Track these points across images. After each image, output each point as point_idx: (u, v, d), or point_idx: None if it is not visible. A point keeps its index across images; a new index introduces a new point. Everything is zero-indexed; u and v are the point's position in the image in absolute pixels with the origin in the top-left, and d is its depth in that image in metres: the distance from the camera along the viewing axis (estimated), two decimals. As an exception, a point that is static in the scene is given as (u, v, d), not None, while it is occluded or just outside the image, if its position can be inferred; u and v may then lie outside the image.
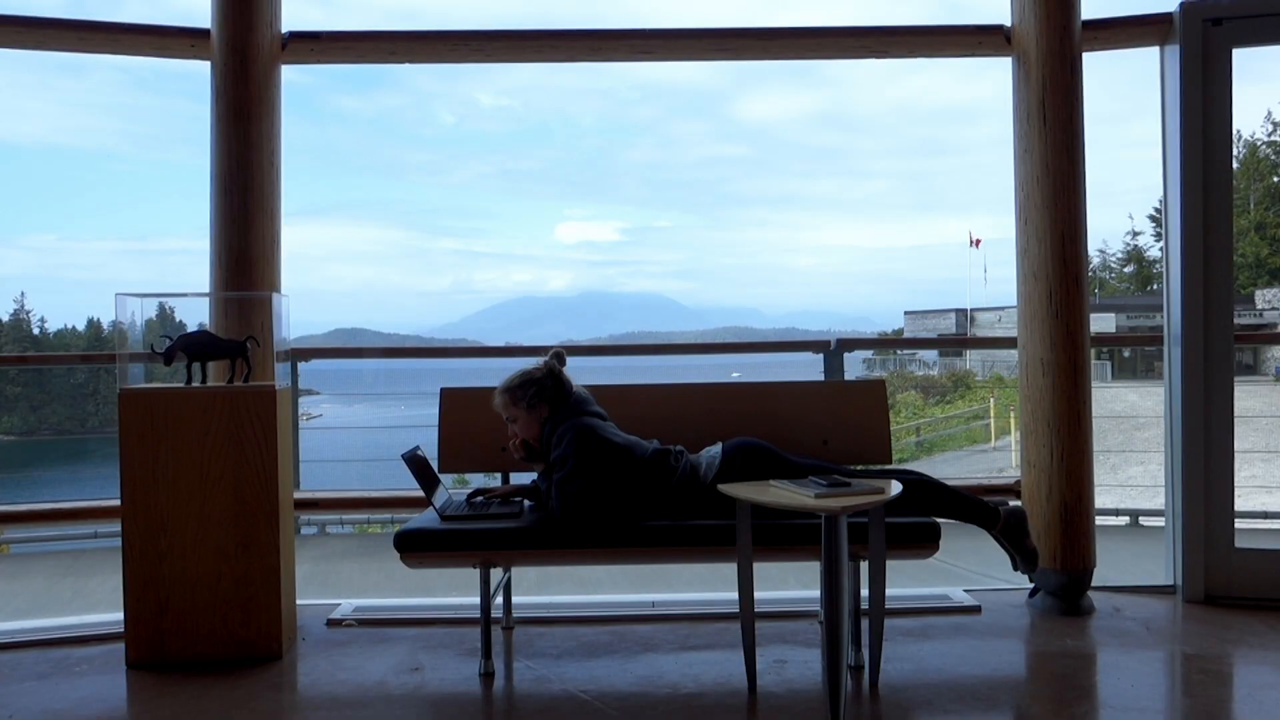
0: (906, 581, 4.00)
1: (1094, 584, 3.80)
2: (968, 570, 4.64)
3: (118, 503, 3.23)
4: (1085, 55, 3.81)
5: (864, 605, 3.04)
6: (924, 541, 3.04)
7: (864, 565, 3.01)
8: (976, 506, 3.20)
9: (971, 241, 41.30)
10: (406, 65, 4.17)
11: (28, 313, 53.44)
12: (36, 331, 51.65)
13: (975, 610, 3.73)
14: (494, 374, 3.35)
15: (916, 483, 3.15)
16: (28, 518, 4.25)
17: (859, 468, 3.43)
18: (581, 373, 3.38)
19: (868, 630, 3.00)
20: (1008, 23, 3.91)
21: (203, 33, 3.84)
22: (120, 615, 3.24)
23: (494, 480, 3.66)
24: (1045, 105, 3.75)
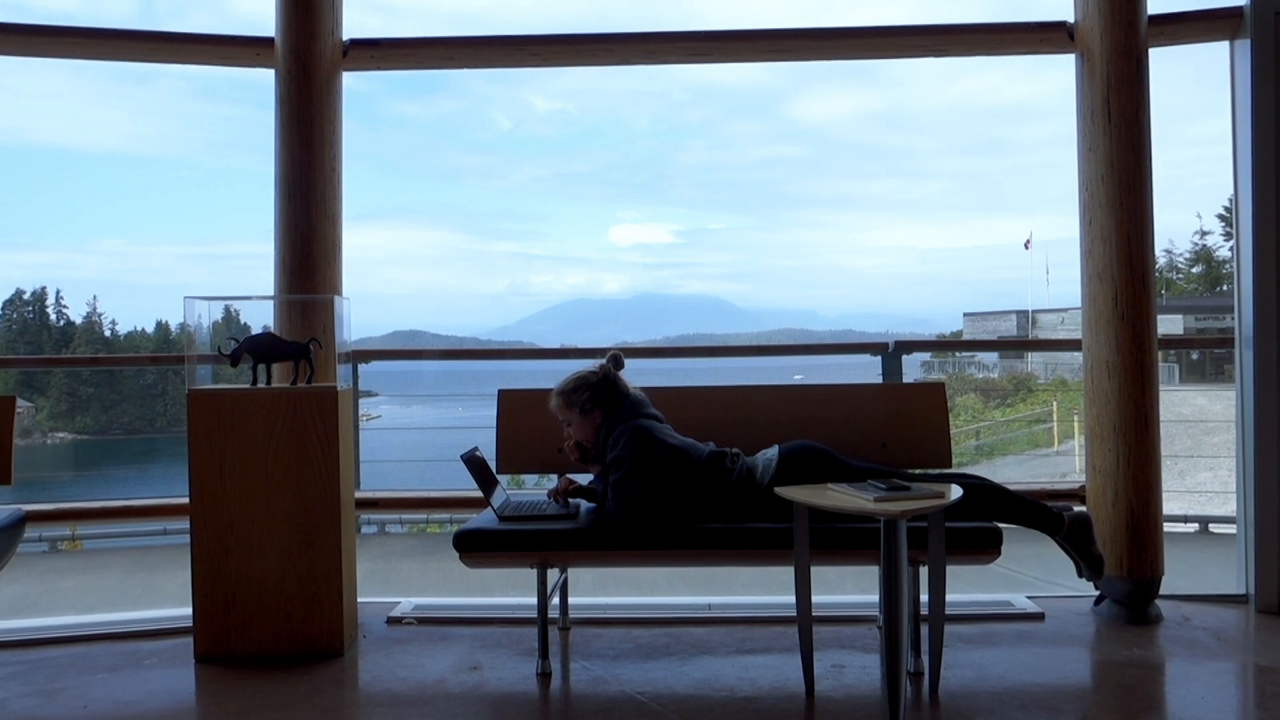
0: (967, 587, 3.94)
1: (1162, 592, 3.71)
2: (1031, 577, 4.57)
3: (186, 501, 3.31)
4: (1151, 51, 3.73)
5: (924, 611, 3.01)
6: (985, 547, 2.99)
7: (923, 570, 2.98)
8: (1040, 512, 3.15)
9: (1026, 244, 40.58)
10: (463, 70, 4.22)
11: (100, 315, 55.04)
12: (108, 333, 53.16)
13: (1039, 617, 3.67)
14: (550, 375, 3.37)
15: (977, 487, 3.10)
16: (100, 515, 4.37)
17: (918, 472, 3.39)
18: (637, 375, 3.39)
19: (927, 636, 2.97)
20: (1071, 19, 3.84)
21: (267, 41, 3.92)
22: (188, 610, 3.32)
23: (550, 481, 3.68)
24: (1110, 102, 3.67)
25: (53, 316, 54.15)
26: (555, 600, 3.50)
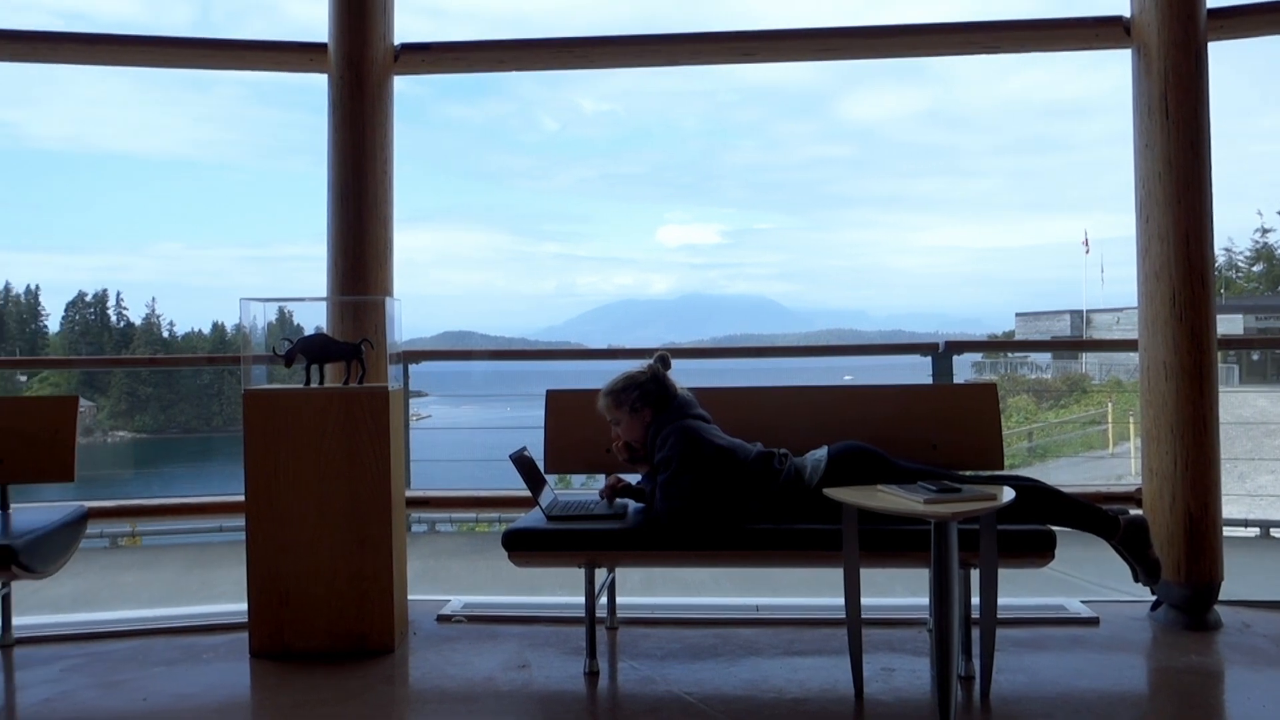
0: (1020, 591, 3.89)
1: (1221, 598, 3.63)
2: (1085, 581, 4.49)
3: (241, 498, 3.37)
4: (1210, 45, 3.65)
5: (975, 614, 2.97)
6: (1038, 550, 2.95)
7: (975, 573, 2.95)
8: (1095, 515, 3.10)
9: (1084, 244, 39.80)
10: (511, 73, 4.26)
11: (158, 317, 56.30)
12: (166, 335, 54.34)
13: (1093, 622, 3.61)
14: (597, 376, 3.38)
15: (1030, 489, 3.06)
16: (159, 511, 4.48)
17: (969, 473, 3.35)
18: (684, 375, 3.39)
19: (979, 640, 2.93)
20: (1127, 13, 3.77)
21: (320, 47, 3.98)
22: (244, 606, 3.38)
23: (598, 481, 3.69)
24: (1167, 98, 3.60)
25: (113, 318, 55.50)
26: (603, 600, 3.51)
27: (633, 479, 3.45)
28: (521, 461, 3.28)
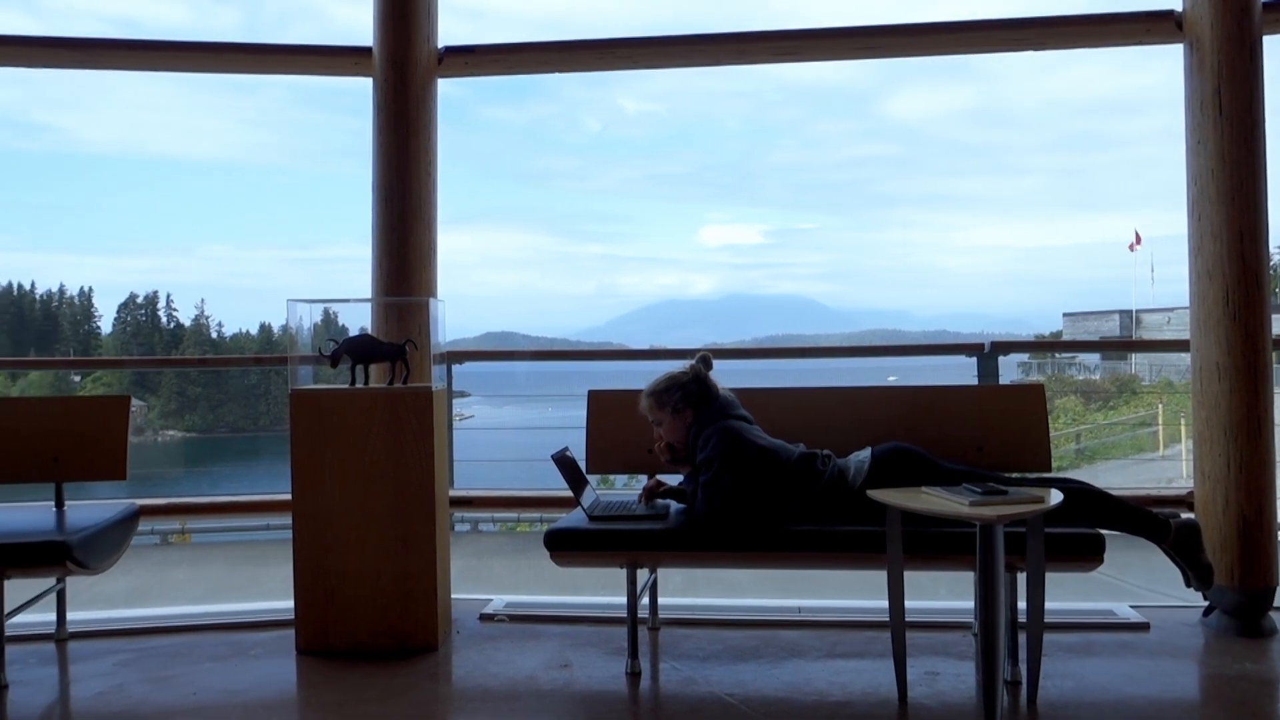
0: (1068, 595, 3.82)
1: (1277, 604, 3.55)
2: (1135, 585, 4.40)
3: (288, 497, 3.42)
4: (1265, 39, 3.57)
5: (1021, 618, 2.93)
6: (1086, 554, 2.90)
7: (1021, 576, 2.91)
8: (1145, 518, 3.04)
9: (1134, 242, 39.03)
10: (554, 75, 4.28)
11: (207, 318, 57.32)
12: (214, 335, 55.29)
13: (1143, 628, 3.54)
14: (639, 376, 3.38)
15: (1078, 492, 3.01)
16: (208, 509, 4.56)
17: (1015, 475, 3.31)
18: (726, 376, 3.38)
19: (1025, 644, 2.89)
20: (1179, 7, 3.70)
21: (365, 51, 4.02)
22: (290, 604, 3.43)
23: (639, 481, 3.69)
24: (1220, 94, 3.53)
25: (164, 319, 56.61)
26: (645, 600, 3.51)
27: (674, 480, 3.45)
28: (564, 462, 3.29)
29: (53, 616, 3.59)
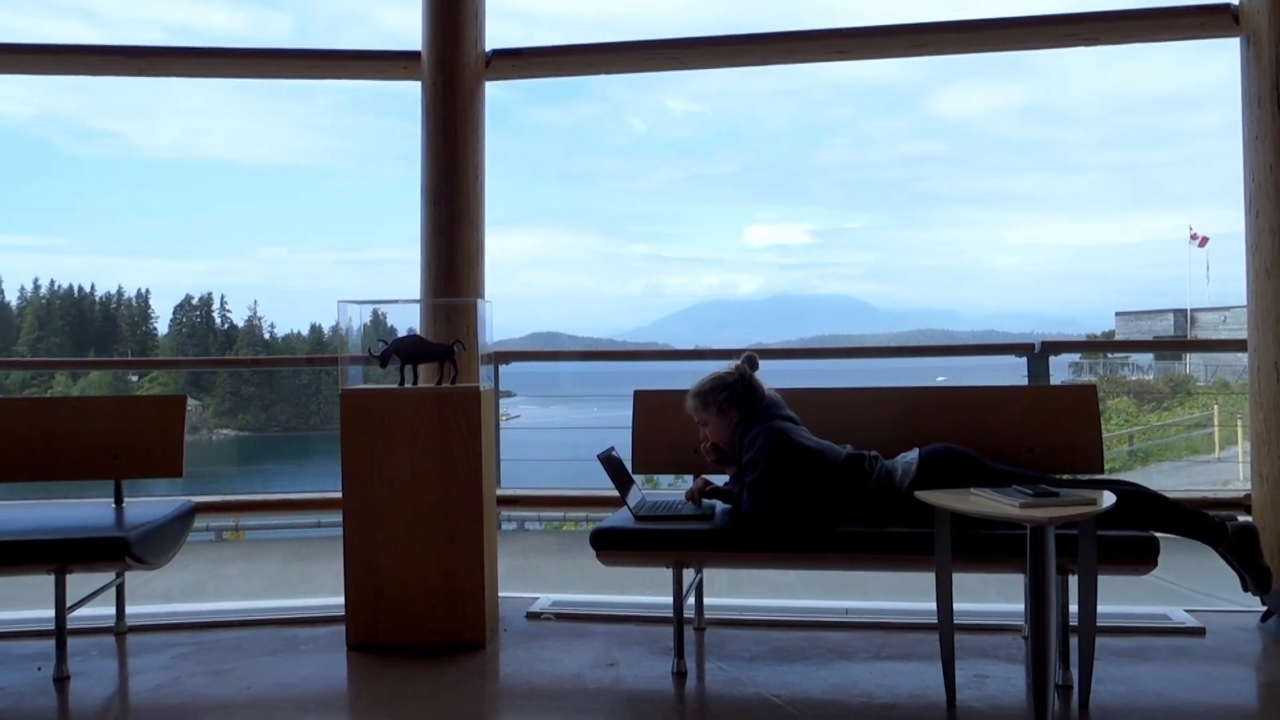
0: (1120, 599, 3.76)
1: (1339, 610, 3.46)
2: (1190, 590, 4.32)
3: (339, 495, 3.47)
4: (1328, 31, 3.49)
5: (1073, 621, 2.89)
6: (1140, 557, 2.86)
7: (1073, 579, 2.86)
8: (1200, 521, 2.98)
9: (1194, 239, 38.11)
10: (600, 76, 4.30)
11: (260, 319, 58.28)
12: (267, 336, 56.21)
13: (1198, 632, 3.47)
14: (685, 377, 3.39)
15: (1131, 494, 2.97)
16: (261, 507, 4.64)
17: (1067, 477, 3.27)
18: (772, 376, 3.38)
19: (1077, 648, 2.85)
20: (1235, 0, 3.62)
21: (414, 55, 4.08)
22: (341, 600, 3.48)
23: (685, 481, 3.70)
24: (1279, 88, 3.45)
25: (218, 320, 57.65)
26: (690, 600, 3.51)
27: (719, 480, 3.45)
28: (610, 461, 3.30)
29: (113, 610, 3.68)
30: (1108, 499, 2.65)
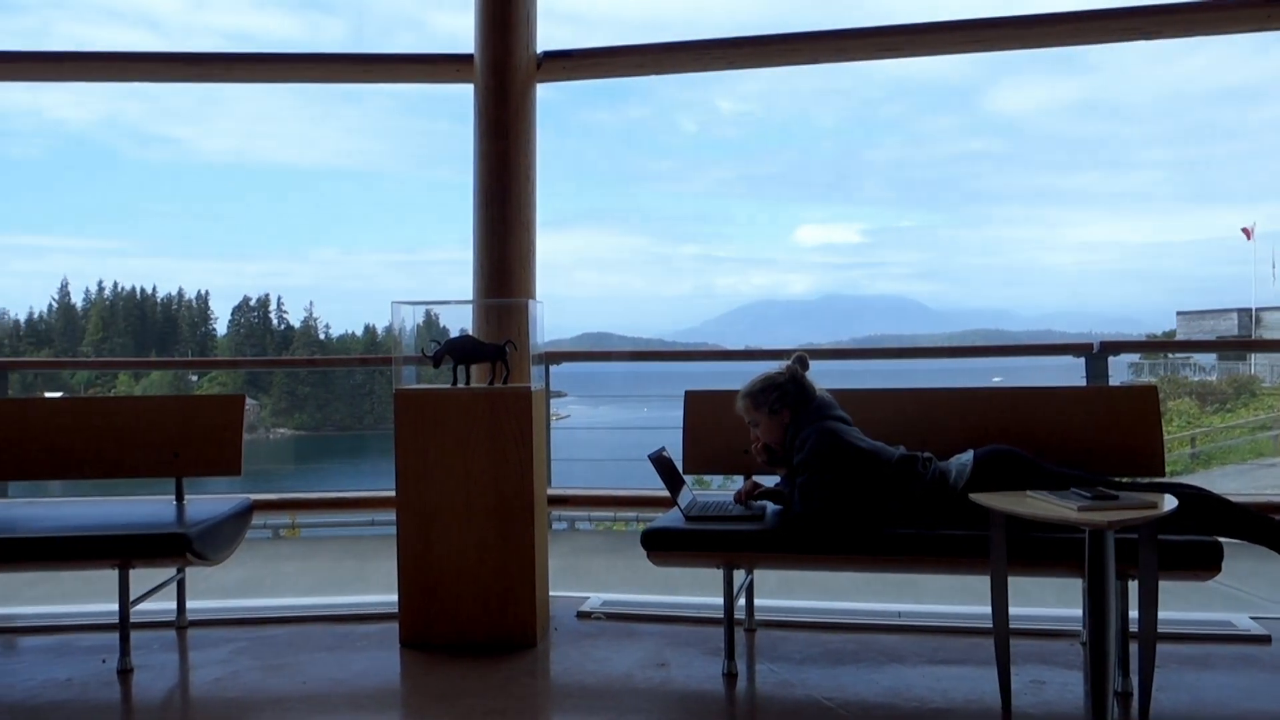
0: (1182, 605, 3.68)
1: None
2: (1255, 596, 4.21)
3: (392, 494, 3.51)
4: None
5: (1133, 627, 2.83)
6: (1202, 562, 2.78)
7: (1132, 585, 2.80)
8: (1266, 525, 2.90)
9: (1245, 233, 37.11)
10: (650, 77, 4.30)
11: (315, 320, 59.20)
12: (322, 337, 57.09)
13: (1264, 640, 3.38)
14: (735, 377, 3.37)
15: (1194, 497, 2.89)
16: (316, 505, 4.72)
17: (1126, 480, 3.20)
18: (823, 377, 3.35)
19: (1137, 655, 2.79)
20: (1304, -9, 3.53)
21: (466, 58, 4.11)
22: (394, 597, 3.52)
23: (735, 482, 3.68)
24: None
25: (274, 321, 58.68)
26: (741, 601, 3.50)
27: (770, 481, 3.43)
28: (661, 462, 3.30)
29: (174, 605, 3.76)
30: (1169, 502, 2.59)
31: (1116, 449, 3.32)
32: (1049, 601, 3.91)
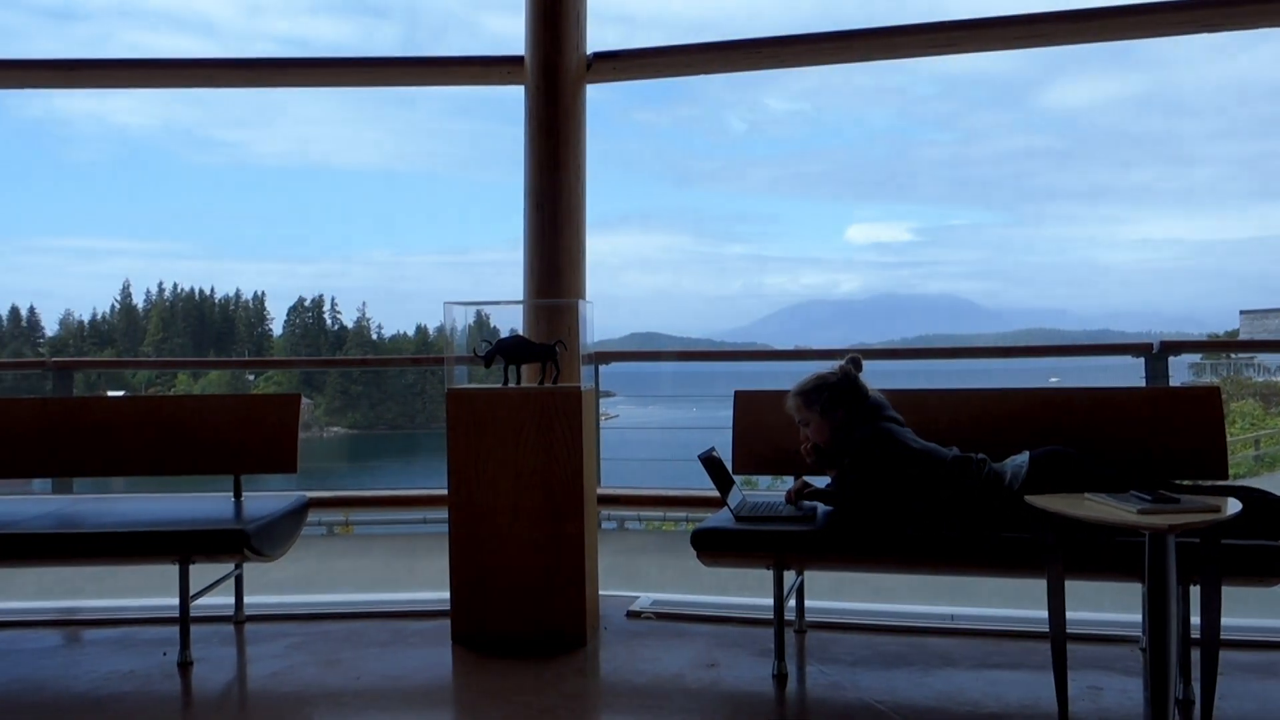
0: (1247, 611, 3.59)
1: None
2: (1323, 603, 4.10)
3: (444, 492, 3.55)
4: None
5: (1195, 633, 2.76)
6: (1267, 568, 2.72)
7: (1194, 590, 2.74)
8: (1335, 531, 2.82)
9: None
10: (699, 77, 4.29)
11: (368, 320, 59.96)
12: (375, 337, 57.83)
13: (1332, 649, 3.29)
14: (784, 377, 3.36)
15: (1259, 501, 2.82)
16: (370, 503, 4.79)
17: (1187, 483, 3.13)
18: (875, 377, 3.32)
19: (1199, 662, 2.72)
20: (1376, -20, 3.42)
21: (517, 60, 4.14)
22: (446, 595, 3.55)
23: (785, 482, 3.66)
24: None
25: (328, 321, 59.52)
26: (791, 602, 3.48)
27: (820, 482, 3.41)
28: (710, 462, 3.29)
29: (232, 600, 3.83)
30: (1233, 506, 2.53)
31: (1178, 451, 3.25)
32: (1106, 606, 3.83)
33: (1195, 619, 2.73)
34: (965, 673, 3.14)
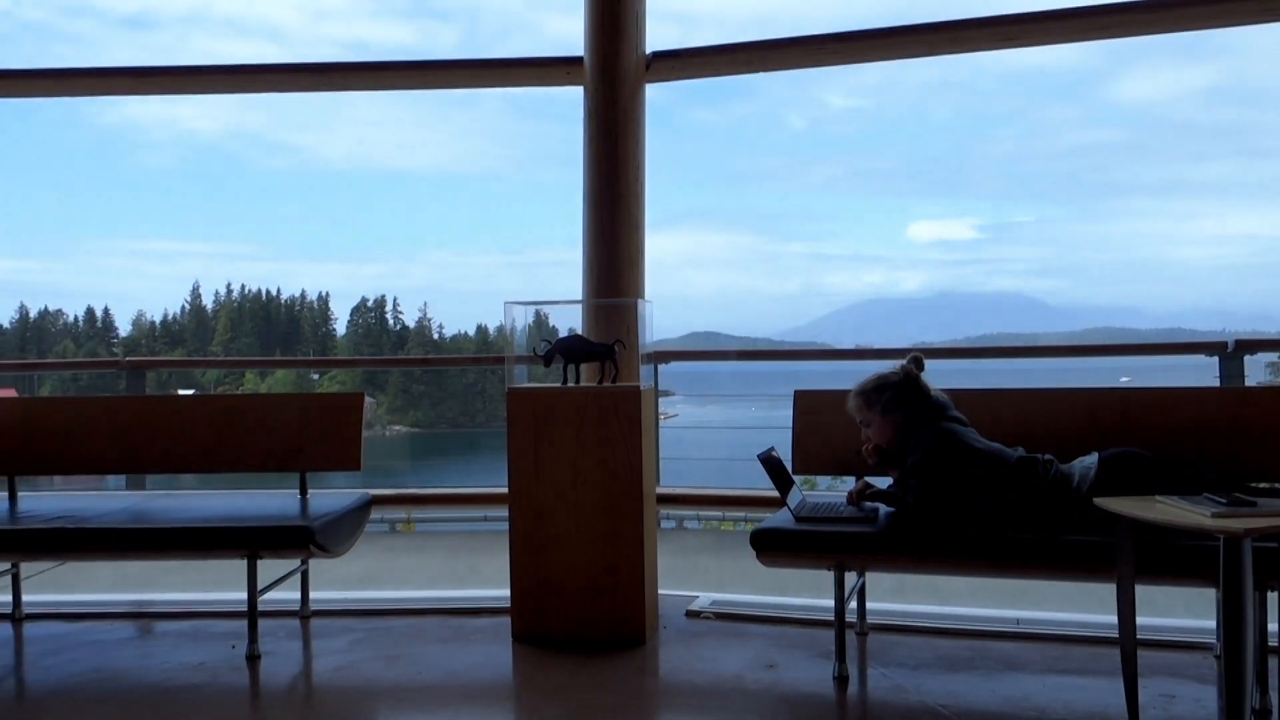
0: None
1: None
2: None
3: (504, 490, 3.57)
4: None
5: (1273, 641, 2.68)
6: (1351, 574, 2.62)
7: (1272, 596, 2.66)
8: None
9: None
10: (757, 75, 4.27)
11: (429, 320, 60.70)
12: (436, 336, 58.52)
13: None
14: (845, 377, 3.32)
15: (1341, 506, 2.72)
16: (432, 500, 4.85)
17: (1264, 486, 3.03)
18: (938, 376, 3.27)
19: (1275, 671, 2.64)
20: None
21: (576, 60, 4.16)
22: (507, 592, 3.58)
23: (845, 483, 3.63)
24: None
25: (390, 321, 60.37)
26: (852, 604, 3.45)
27: (882, 482, 3.37)
28: (770, 462, 3.27)
29: (297, 595, 3.90)
30: (1313, 510, 2.45)
31: (1254, 453, 3.15)
32: (1178, 611, 3.73)
33: (1273, 626, 2.65)
34: (1031, 678, 3.08)
